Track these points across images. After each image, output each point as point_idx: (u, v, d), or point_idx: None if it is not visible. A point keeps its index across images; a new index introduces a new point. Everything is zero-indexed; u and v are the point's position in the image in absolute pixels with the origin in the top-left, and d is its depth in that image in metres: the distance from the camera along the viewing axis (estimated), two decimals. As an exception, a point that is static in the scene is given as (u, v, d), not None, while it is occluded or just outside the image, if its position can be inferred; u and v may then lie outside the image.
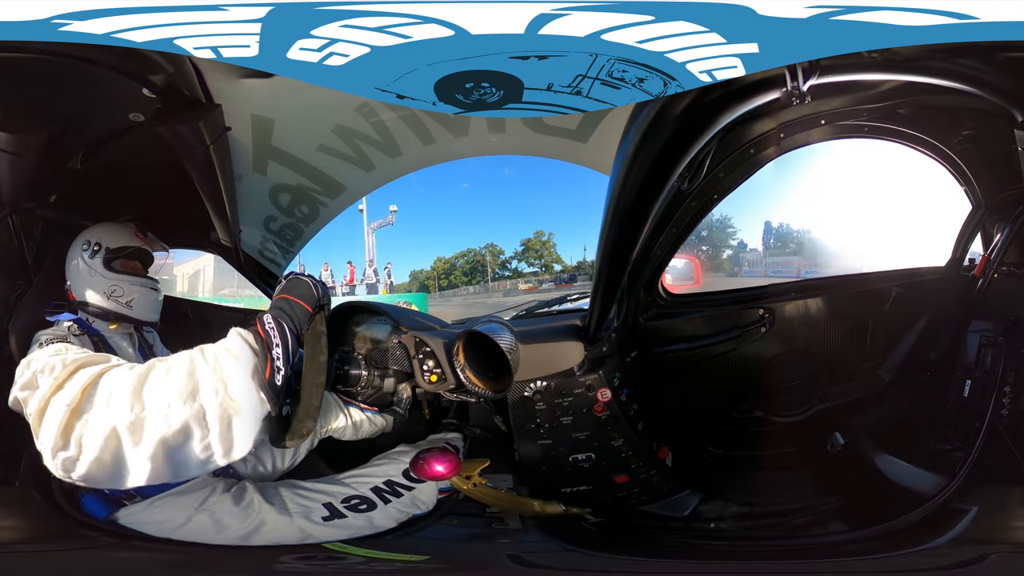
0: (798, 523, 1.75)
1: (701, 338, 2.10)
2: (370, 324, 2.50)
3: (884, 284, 2.13)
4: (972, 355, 1.91)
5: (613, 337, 1.92)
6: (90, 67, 1.37)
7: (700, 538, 1.74)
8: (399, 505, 1.68)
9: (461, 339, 1.78)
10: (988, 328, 1.90)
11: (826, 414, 2.09)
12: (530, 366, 1.77)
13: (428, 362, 1.95)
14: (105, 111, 1.74)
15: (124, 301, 1.82)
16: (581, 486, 1.83)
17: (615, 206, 1.30)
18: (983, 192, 1.96)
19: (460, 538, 1.65)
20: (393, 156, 2.32)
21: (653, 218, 1.69)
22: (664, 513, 1.88)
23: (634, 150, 1.15)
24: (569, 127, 2.11)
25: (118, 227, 1.90)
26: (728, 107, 1.09)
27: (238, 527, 1.53)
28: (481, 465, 1.76)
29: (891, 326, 2.13)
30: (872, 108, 1.78)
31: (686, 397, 2.14)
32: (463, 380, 1.77)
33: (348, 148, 2.29)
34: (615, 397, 1.84)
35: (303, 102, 1.91)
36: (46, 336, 1.57)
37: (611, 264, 1.53)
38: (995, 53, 1.11)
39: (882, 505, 1.71)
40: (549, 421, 1.81)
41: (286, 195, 2.58)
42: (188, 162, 1.85)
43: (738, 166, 1.84)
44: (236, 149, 2.06)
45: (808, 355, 2.12)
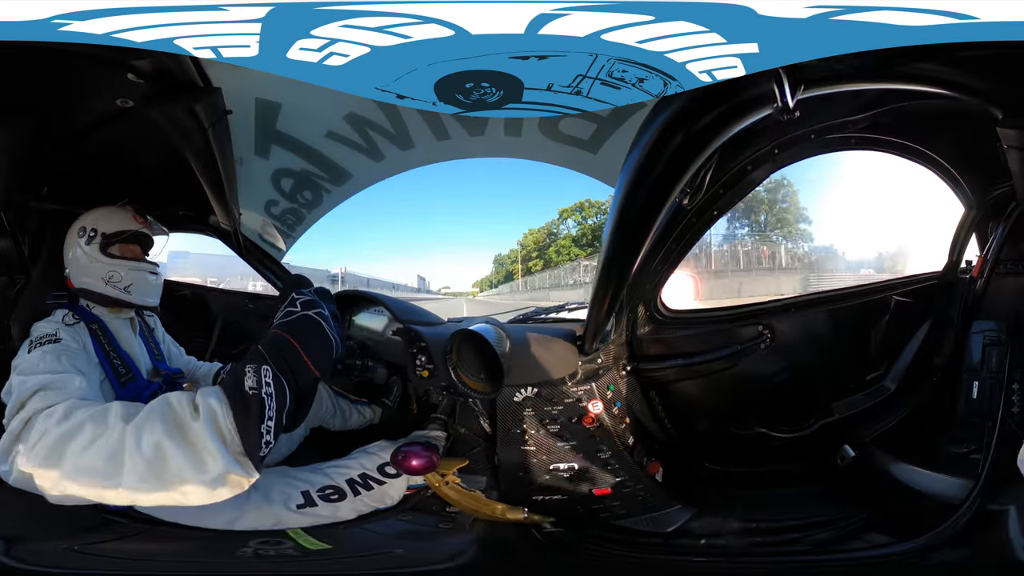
0: (819, 538, 1.71)
1: (699, 354, 2.09)
2: (367, 313, 2.53)
3: (883, 294, 2.13)
4: (977, 356, 1.93)
5: (609, 349, 1.92)
6: (65, 57, 1.35)
7: (680, 554, 1.70)
8: (366, 498, 1.71)
9: (455, 337, 1.79)
10: (991, 328, 1.92)
11: (832, 428, 2.08)
12: (523, 371, 1.77)
13: (421, 356, 1.96)
14: (89, 99, 1.72)
15: (122, 286, 1.81)
16: (556, 496, 1.82)
17: (618, 219, 1.31)
18: (974, 193, 1.97)
19: (396, 534, 1.64)
20: (405, 149, 2.33)
21: (655, 233, 1.70)
22: (643, 528, 1.84)
23: (639, 165, 1.17)
24: (582, 136, 2.13)
25: (115, 211, 1.87)
26: (726, 123, 1.10)
27: (230, 513, 1.55)
28: (459, 464, 1.76)
29: (893, 335, 2.12)
30: (855, 120, 1.80)
31: (682, 413, 2.13)
32: (454, 378, 1.78)
33: (359, 137, 2.30)
34: (607, 410, 1.84)
35: (315, 88, 1.90)
36: (37, 334, 1.55)
37: (611, 277, 1.54)
38: (957, 52, 1.11)
39: (910, 513, 1.70)
40: (535, 428, 1.81)
41: (289, 180, 2.58)
42: (185, 145, 1.82)
43: (736, 183, 1.87)
44: (237, 132, 2.04)
45: (810, 370, 2.11)
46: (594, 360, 1.87)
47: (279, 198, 2.67)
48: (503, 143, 2.25)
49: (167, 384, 1.82)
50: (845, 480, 1.97)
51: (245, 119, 2.06)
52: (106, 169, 2.09)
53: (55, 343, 1.51)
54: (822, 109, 1.75)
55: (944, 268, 2.13)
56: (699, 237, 1.95)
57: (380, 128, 2.23)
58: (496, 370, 1.73)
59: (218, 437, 1.10)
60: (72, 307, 1.72)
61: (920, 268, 2.24)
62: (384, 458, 1.78)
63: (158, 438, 1.10)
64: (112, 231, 1.83)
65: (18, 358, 1.50)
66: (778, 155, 1.85)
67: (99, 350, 1.66)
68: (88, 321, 1.70)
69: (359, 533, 1.63)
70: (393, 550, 1.56)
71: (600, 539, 1.72)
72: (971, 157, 1.89)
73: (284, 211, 2.77)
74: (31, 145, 1.77)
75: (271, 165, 2.44)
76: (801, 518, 1.82)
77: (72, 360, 1.47)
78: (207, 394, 1.15)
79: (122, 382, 1.67)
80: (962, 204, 2.03)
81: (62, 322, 1.63)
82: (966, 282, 2.04)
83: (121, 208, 1.89)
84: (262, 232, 2.85)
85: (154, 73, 1.51)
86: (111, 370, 1.66)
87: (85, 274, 1.79)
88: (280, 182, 2.58)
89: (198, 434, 1.10)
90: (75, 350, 1.54)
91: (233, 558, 1.41)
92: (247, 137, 2.18)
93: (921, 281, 2.16)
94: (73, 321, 1.65)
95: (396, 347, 2.13)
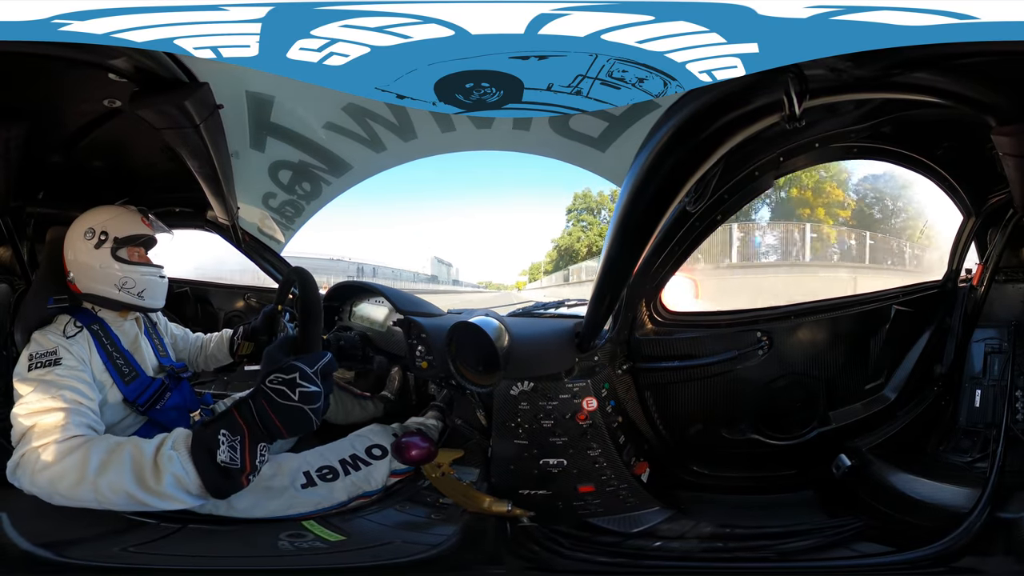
0: (798, 546, 1.71)
1: (696, 357, 2.08)
2: (368, 304, 2.54)
3: (883, 302, 2.11)
4: (979, 364, 1.93)
5: (606, 348, 1.92)
6: (46, 60, 1.34)
7: (627, 556, 1.70)
8: (355, 478, 1.74)
9: (454, 329, 1.80)
10: (992, 336, 1.92)
11: (828, 437, 2.06)
12: (520, 365, 1.77)
13: (421, 348, 1.97)
14: (76, 100, 1.71)
15: (136, 292, 1.76)
16: (541, 490, 1.82)
17: (622, 219, 1.31)
18: (972, 201, 1.97)
19: (393, 524, 1.68)
20: (407, 140, 2.32)
21: (658, 235, 1.70)
22: (610, 527, 1.84)
23: (647, 167, 1.17)
24: (591, 134, 2.13)
25: (122, 213, 1.80)
26: (734, 130, 1.11)
27: (249, 499, 1.59)
28: (455, 455, 1.77)
29: (893, 344, 2.11)
30: (858, 129, 1.80)
31: (675, 415, 2.12)
32: (452, 370, 1.79)
33: (359, 127, 2.29)
34: (600, 408, 1.84)
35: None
36: (37, 349, 1.55)
37: (612, 276, 1.54)
38: (950, 61, 1.11)
39: (909, 523, 1.68)
40: (529, 422, 1.81)
41: (287, 172, 2.58)
42: (177, 142, 1.80)
43: (742, 188, 1.86)
44: (231, 126, 2.02)
45: (808, 378, 2.09)
46: (591, 357, 1.88)
47: (277, 190, 2.67)
48: (511, 137, 2.25)
49: (170, 379, 1.82)
50: (839, 489, 1.95)
51: (238, 113, 2.05)
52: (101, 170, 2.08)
53: (54, 365, 1.51)
54: (826, 118, 1.75)
55: (944, 277, 2.12)
56: (702, 241, 1.94)
57: (382, 118, 2.22)
58: (494, 363, 1.74)
59: (184, 492, 1.30)
60: (74, 312, 1.70)
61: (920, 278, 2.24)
62: (373, 440, 1.81)
63: (128, 489, 1.29)
64: (124, 235, 1.76)
65: (19, 368, 1.51)
66: (783, 163, 1.85)
67: (102, 353, 1.65)
68: (89, 325, 1.68)
69: (364, 524, 1.67)
70: (394, 540, 1.61)
71: (565, 535, 1.72)
72: (968, 165, 1.88)
73: (283, 203, 2.77)
74: (26, 150, 1.75)
75: (268, 158, 2.43)
76: (781, 525, 1.81)
77: (70, 382, 1.48)
78: (172, 463, 1.29)
79: (126, 381, 1.67)
80: (960, 212, 2.02)
81: (63, 333, 1.61)
82: (966, 290, 2.03)
83: (127, 210, 1.82)
84: (260, 225, 2.85)
85: (134, 72, 1.49)
86: (115, 370, 1.66)
87: (96, 280, 1.73)
88: (278, 174, 2.58)
89: (164, 492, 1.29)
90: (75, 367, 1.53)
91: (275, 550, 1.52)
92: (241, 131, 2.17)
93: (921, 290, 2.14)
94: (75, 331, 1.63)
95: (396, 338, 2.14)
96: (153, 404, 1.72)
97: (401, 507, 1.75)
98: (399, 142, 2.32)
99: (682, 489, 2.08)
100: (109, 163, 2.08)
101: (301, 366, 1.33)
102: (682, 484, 2.11)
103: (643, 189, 1.22)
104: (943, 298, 2.10)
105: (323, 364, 1.37)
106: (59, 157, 1.94)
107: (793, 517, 1.89)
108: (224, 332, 2.29)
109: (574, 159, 2.25)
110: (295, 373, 1.32)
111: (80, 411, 1.44)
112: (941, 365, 2.04)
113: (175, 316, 2.32)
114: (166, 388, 1.76)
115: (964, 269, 2.09)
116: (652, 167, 1.17)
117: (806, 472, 2.05)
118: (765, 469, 2.10)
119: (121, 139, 1.95)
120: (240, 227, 2.73)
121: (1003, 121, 1.31)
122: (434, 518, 1.69)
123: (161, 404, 1.74)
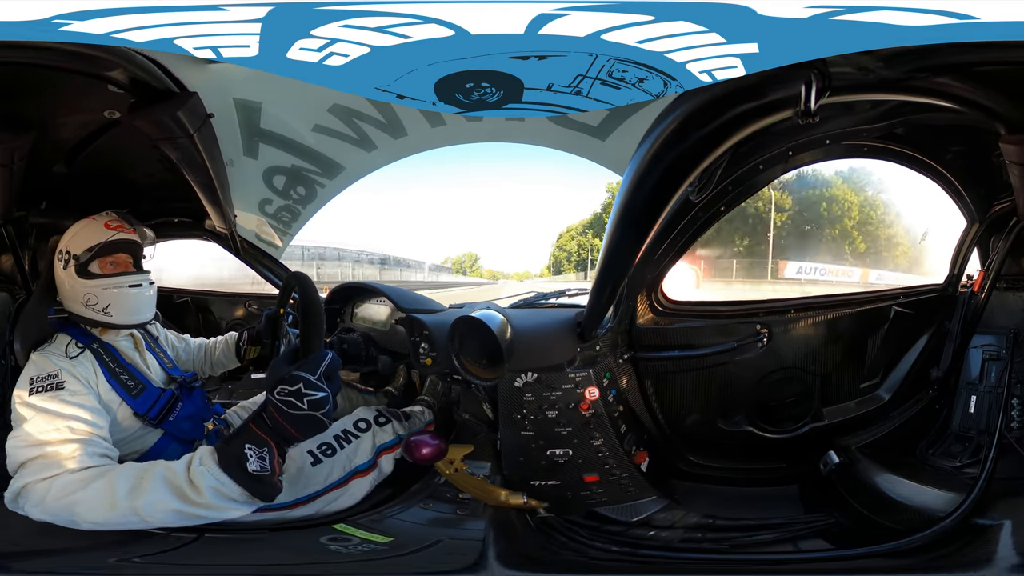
0: (769, 538, 1.72)
1: (695, 348, 2.09)
2: (369, 305, 2.54)
3: (883, 303, 2.12)
4: (976, 370, 1.93)
5: (608, 337, 1.92)
6: (49, 72, 1.36)
7: (630, 544, 1.71)
8: (348, 452, 1.79)
9: (457, 324, 1.80)
10: (991, 343, 1.92)
11: (821, 433, 2.07)
12: (523, 356, 1.77)
13: (424, 344, 1.98)
14: (78, 111, 1.72)
15: (99, 308, 1.67)
16: (551, 480, 1.84)
17: (624, 208, 1.31)
18: (976, 207, 1.97)
19: (427, 522, 1.70)
20: (397, 137, 2.31)
21: (660, 224, 1.70)
22: (615, 517, 1.87)
23: (652, 155, 1.17)
24: (591, 123, 2.12)
25: (86, 226, 1.71)
26: (745, 122, 1.11)
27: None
28: (465, 451, 1.80)
29: (891, 345, 2.11)
30: (872, 129, 1.80)
31: (674, 405, 2.13)
32: (457, 365, 1.79)
33: (347, 128, 2.28)
34: (602, 397, 1.85)
35: (291, 83, 1.88)
36: (39, 372, 1.51)
37: (613, 265, 1.54)
38: (970, 68, 1.11)
39: (885, 523, 1.69)
40: (535, 413, 1.82)
41: (281, 177, 2.58)
42: (174, 152, 1.81)
43: (746, 181, 1.87)
44: (224, 135, 2.03)
45: (804, 373, 2.10)
46: (592, 347, 1.88)
47: (273, 196, 2.67)
48: (505, 127, 2.23)
49: (181, 389, 1.78)
50: (824, 485, 1.96)
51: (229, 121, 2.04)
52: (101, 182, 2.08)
53: (57, 389, 1.48)
54: (840, 115, 1.74)
55: (945, 281, 2.12)
56: (704, 231, 1.94)
57: (369, 117, 2.20)
58: (497, 356, 1.74)
59: (229, 500, 1.32)
60: (73, 332, 1.66)
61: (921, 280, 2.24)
62: (358, 415, 1.90)
63: (173, 506, 1.31)
64: (82, 250, 1.67)
65: (19, 391, 1.48)
66: (791, 157, 1.85)
67: (106, 372, 1.62)
68: (90, 343, 1.64)
69: (397, 524, 1.68)
70: (442, 537, 1.63)
71: (578, 525, 1.74)
72: (975, 171, 1.88)
73: (279, 208, 2.77)
74: (30, 160, 1.76)
75: (261, 164, 2.43)
76: (757, 518, 1.83)
77: (76, 410, 1.45)
78: (205, 477, 1.31)
79: (133, 395, 1.64)
80: (964, 218, 2.02)
81: (65, 354, 1.58)
82: (967, 296, 2.03)
83: (91, 221, 1.72)
84: (258, 231, 2.85)
85: (131, 83, 1.50)
86: (120, 387, 1.62)
87: (67, 299, 1.70)
88: (272, 180, 2.58)
89: (210, 503, 1.31)
90: (79, 392, 1.50)
91: (325, 555, 1.52)
92: (234, 139, 2.17)
93: (922, 293, 2.14)
94: (77, 351, 1.60)
95: (399, 336, 2.14)
96: (165, 416, 1.70)
97: (426, 504, 1.77)
98: (389, 140, 2.30)
99: (678, 478, 2.11)
100: (110, 174, 2.09)
101: (304, 375, 1.34)
102: (678, 473, 2.14)
103: (646, 178, 1.22)
104: (943, 302, 2.10)
105: (326, 366, 1.37)
106: (62, 167, 1.94)
107: (772, 510, 1.91)
108: (229, 336, 2.29)
109: (572, 148, 2.24)
110: (299, 384, 1.34)
111: (92, 441, 1.43)
112: (937, 369, 2.04)
113: (176, 326, 2.31)
114: (176, 399, 1.74)
115: (965, 275, 2.09)
116: (657, 156, 1.17)
117: (794, 466, 2.06)
118: (757, 461, 2.12)
119: (121, 150, 1.96)
120: (238, 235, 2.74)
121: (1012, 130, 1.31)
122: (460, 513, 1.72)
123: (174, 415, 1.72)
